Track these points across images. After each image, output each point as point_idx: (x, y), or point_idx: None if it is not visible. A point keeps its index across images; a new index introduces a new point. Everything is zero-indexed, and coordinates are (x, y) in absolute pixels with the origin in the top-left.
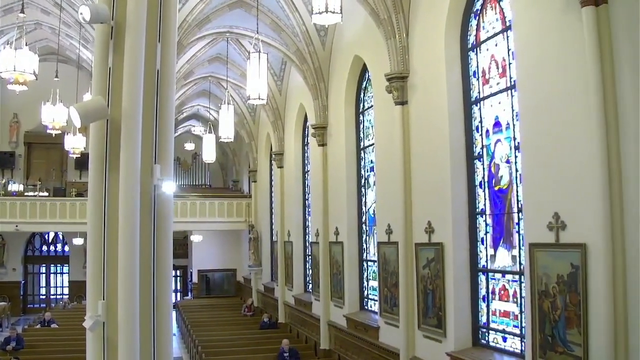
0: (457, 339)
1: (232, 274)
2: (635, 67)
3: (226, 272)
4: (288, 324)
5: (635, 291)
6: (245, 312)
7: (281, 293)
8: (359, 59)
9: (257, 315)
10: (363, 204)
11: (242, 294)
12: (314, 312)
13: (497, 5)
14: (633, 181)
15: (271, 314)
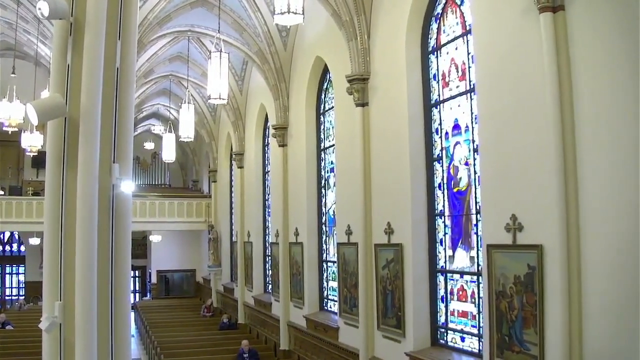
0: (416, 339)
1: (192, 274)
2: (592, 72)
3: (185, 272)
4: (247, 325)
5: (590, 291)
6: (204, 312)
7: (241, 294)
8: (320, 60)
9: (217, 316)
10: (323, 204)
11: (201, 295)
12: (273, 312)
13: (458, 10)
14: (588, 183)
15: (231, 314)
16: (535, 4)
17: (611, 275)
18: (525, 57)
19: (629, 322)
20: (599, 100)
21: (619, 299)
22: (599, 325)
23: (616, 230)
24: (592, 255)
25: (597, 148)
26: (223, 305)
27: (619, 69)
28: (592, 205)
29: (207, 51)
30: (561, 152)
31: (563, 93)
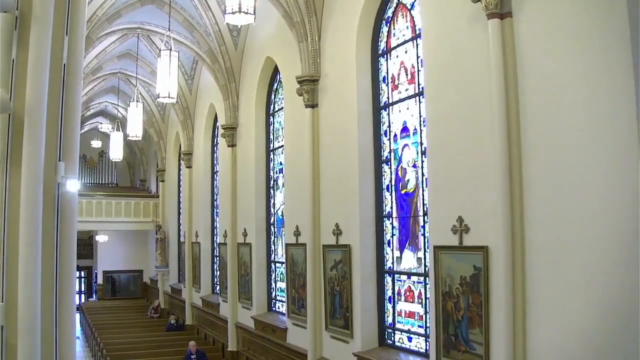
0: (364, 339)
1: (139, 275)
2: (538, 77)
3: (132, 273)
4: (195, 326)
5: (534, 291)
6: (151, 314)
7: (188, 294)
8: (271, 60)
9: (164, 317)
10: (272, 205)
11: (148, 296)
12: (221, 313)
13: (408, 14)
14: (533, 186)
15: (178, 315)
16: (484, 10)
17: (555, 275)
18: (473, 62)
19: (572, 321)
20: (545, 105)
21: (563, 299)
22: (543, 325)
23: (560, 232)
24: (537, 256)
25: (542, 151)
26: (170, 306)
27: (564, 75)
28: (537, 207)
29: (157, 49)
30: (507, 156)
31: (509, 98)
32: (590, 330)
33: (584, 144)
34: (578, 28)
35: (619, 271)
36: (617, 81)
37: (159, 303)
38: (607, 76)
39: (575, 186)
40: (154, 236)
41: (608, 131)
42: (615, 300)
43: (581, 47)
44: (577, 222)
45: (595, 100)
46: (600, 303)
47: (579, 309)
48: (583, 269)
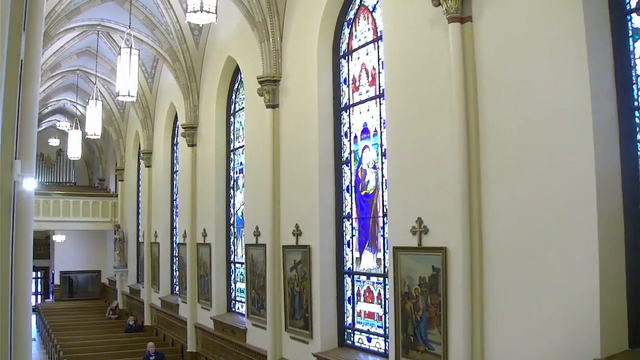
0: (324, 339)
1: (97, 275)
2: (496, 80)
3: (90, 273)
4: (154, 327)
5: (492, 292)
6: (109, 315)
7: (147, 295)
8: (232, 60)
9: (122, 318)
10: (231, 205)
11: (106, 297)
12: (180, 314)
13: (370, 16)
14: (491, 188)
15: (137, 316)
16: (445, 14)
17: (512, 276)
18: (433, 65)
19: (529, 321)
20: (503, 107)
21: (520, 299)
22: (500, 325)
23: (518, 233)
24: (495, 257)
25: (499, 153)
26: (129, 307)
27: (522, 77)
28: (495, 208)
29: (117, 47)
30: (466, 158)
31: (469, 100)
32: (547, 331)
33: (541, 145)
34: (535, 32)
35: (577, 273)
36: (573, 82)
37: (117, 304)
38: (564, 77)
39: (534, 188)
40: (113, 236)
41: (565, 132)
42: (573, 302)
43: (538, 50)
44: (535, 224)
45: (553, 101)
46: (557, 304)
47: (536, 310)
48: (541, 271)
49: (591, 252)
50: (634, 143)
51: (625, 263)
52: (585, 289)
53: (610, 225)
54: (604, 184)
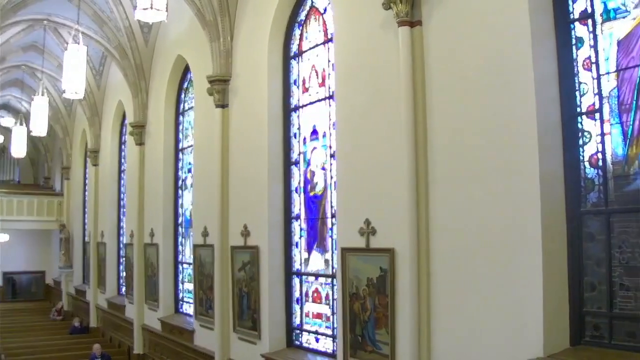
0: (272, 340)
1: (41, 276)
2: (445, 83)
3: (34, 274)
4: (100, 329)
5: (438, 293)
6: (54, 316)
7: (93, 296)
8: (182, 59)
9: (68, 319)
10: (180, 205)
11: (51, 298)
12: (127, 315)
13: (321, 18)
14: (439, 190)
15: (82, 318)
16: (395, 17)
17: (458, 277)
18: (383, 68)
19: (475, 321)
20: (450, 111)
21: (466, 300)
22: (447, 325)
23: (462, 234)
24: (441, 259)
25: (447, 156)
26: (74, 309)
27: (469, 80)
28: (441, 210)
29: (65, 43)
30: (413, 160)
31: (417, 104)
32: (492, 330)
33: (487, 149)
34: (482, 37)
35: (521, 273)
36: (519, 88)
37: (63, 305)
38: (510, 83)
39: (480, 190)
40: (58, 236)
41: (510, 136)
42: (517, 302)
43: (485, 56)
44: (480, 226)
45: (499, 106)
46: (502, 304)
47: (481, 310)
48: (486, 271)
49: (535, 253)
50: (576, 148)
51: (567, 263)
52: (529, 290)
53: (553, 228)
54: (547, 188)
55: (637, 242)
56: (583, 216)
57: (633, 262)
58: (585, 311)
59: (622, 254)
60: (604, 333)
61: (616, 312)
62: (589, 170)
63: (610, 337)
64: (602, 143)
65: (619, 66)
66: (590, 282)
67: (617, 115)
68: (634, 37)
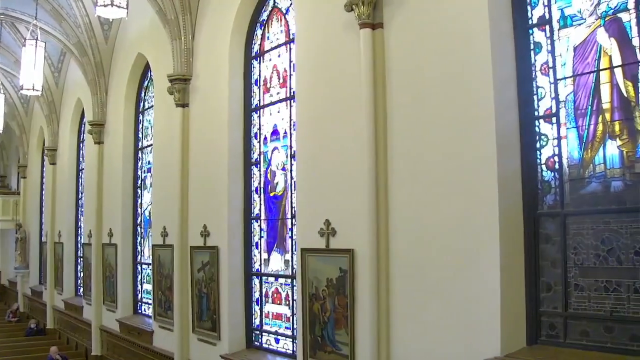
0: (231, 341)
1: None
2: (405, 85)
3: None
4: (57, 330)
5: (397, 293)
6: (9, 318)
7: (50, 297)
8: (142, 57)
9: (24, 321)
10: (139, 205)
11: (6, 299)
12: (85, 316)
13: (283, 18)
14: (398, 191)
15: (39, 319)
16: (357, 19)
17: (417, 278)
18: (344, 69)
19: (432, 322)
20: (411, 113)
21: (424, 301)
22: (405, 325)
23: (422, 236)
24: (400, 260)
25: (406, 158)
26: (30, 310)
27: (429, 85)
28: (401, 211)
29: (22, 38)
30: (373, 161)
31: (377, 106)
32: (450, 330)
33: (447, 151)
34: (443, 41)
35: (479, 274)
36: (478, 91)
37: (18, 306)
38: (470, 86)
39: (439, 192)
40: (14, 235)
41: (469, 138)
42: (475, 302)
43: (445, 59)
44: (439, 227)
45: (458, 109)
46: (461, 304)
47: (440, 310)
48: (444, 272)
49: (493, 254)
50: (534, 151)
51: (524, 264)
52: (486, 290)
53: (511, 229)
54: (505, 190)
55: (592, 244)
56: (540, 218)
57: (587, 263)
58: (541, 311)
59: (577, 255)
60: (559, 332)
61: (571, 311)
62: (546, 173)
63: (565, 336)
64: (558, 146)
65: (575, 72)
66: (546, 282)
67: (573, 119)
68: (589, 43)
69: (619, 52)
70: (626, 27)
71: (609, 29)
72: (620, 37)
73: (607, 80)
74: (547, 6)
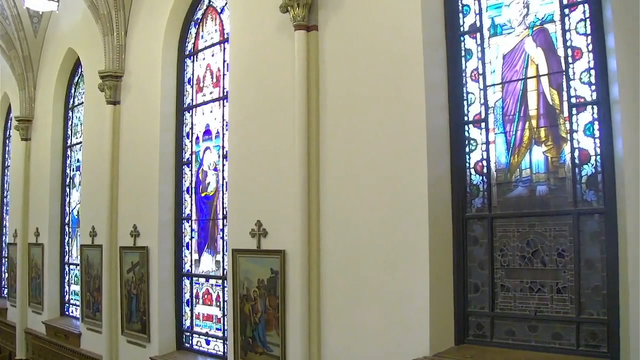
0: (161, 343)
1: None
2: (338, 90)
3: None
4: None
5: (328, 294)
6: None
7: None
8: (73, 52)
9: None
10: (67, 204)
11: None
12: (9, 319)
13: (218, 17)
14: (330, 193)
15: None
16: (292, 21)
17: (347, 278)
18: (278, 71)
19: (362, 321)
20: (343, 115)
21: (354, 301)
22: (336, 326)
23: (352, 237)
24: (331, 261)
25: (338, 159)
26: None
27: (361, 88)
28: (332, 213)
29: None
30: (305, 162)
31: (311, 108)
32: (380, 330)
33: (378, 154)
34: (376, 45)
35: (408, 275)
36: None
37: None
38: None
39: (370, 193)
40: None
41: (400, 141)
42: (404, 303)
43: (378, 63)
44: (370, 229)
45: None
46: (390, 305)
47: (370, 311)
48: (375, 273)
49: (422, 256)
50: (463, 155)
51: (452, 265)
52: (416, 290)
53: (440, 231)
54: (435, 192)
55: (517, 246)
56: (468, 220)
57: (513, 264)
58: (469, 311)
59: (504, 257)
60: (486, 332)
61: (497, 311)
62: (475, 176)
63: (491, 335)
64: (487, 151)
65: (504, 79)
66: (474, 283)
67: (502, 125)
68: (517, 52)
69: (545, 61)
70: (552, 38)
71: (537, 39)
72: (546, 47)
73: (534, 88)
74: (478, 15)
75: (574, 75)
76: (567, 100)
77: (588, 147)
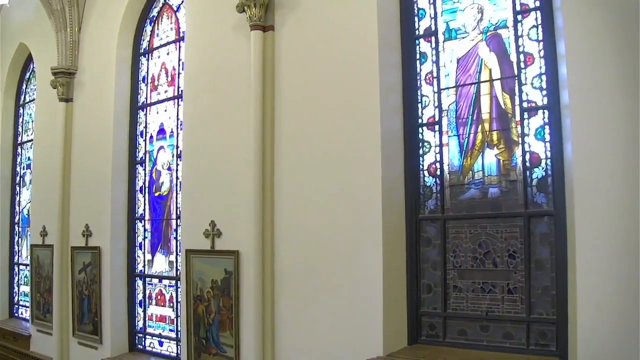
0: (114, 344)
1: None
2: (293, 90)
3: None
4: None
5: (282, 294)
6: None
7: None
8: (25, 47)
9: None
10: (17, 203)
11: None
12: None
13: (173, 15)
14: (284, 194)
15: None
16: (248, 21)
17: (301, 278)
18: (233, 70)
19: (316, 321)
20: (298, 116)
21: (308, 301)
22: (290, 326)
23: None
24: (285, 262)
25: (293, 160)
26: None
27: (317, 89)
28: (286, 213)
29: None
30: (260, 163)
31: (266, 108)
32: (334, 331)
33: (333, 155)
34: (332, 47)
35: (362, 276)
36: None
37: None
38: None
39: (325, 195)
40: None
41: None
42: (358, 304)
43: (334, 65)
44: (324, 230)
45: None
46: (344, 306)
47: (323, 312)
48: (328, 274)
49: (376, 257)
50: (417, 157)
51: (406, 266)
52: (369, 291)
53: (394, 232)
54: (389, 194)
55: (470, 247)
56: (421, 222)
57: (465, 265)
58: (422, 312)
59: (456, 258)
60: (438, 332)
61: (449, 312)
62: (428, 178)
63: (444, 335)
64: (440, 153)
65: (458, 82)
66: (427, 284)
67: (455, 127)
68: (471, 56)
69: (498, 65)
70: (505, 43)
71: (490, 44)
72: (499, 52)
73: (487, 92)
74: (433, 18)
75: (525, 80)
76: (519, 104)
77: (539, 150)
